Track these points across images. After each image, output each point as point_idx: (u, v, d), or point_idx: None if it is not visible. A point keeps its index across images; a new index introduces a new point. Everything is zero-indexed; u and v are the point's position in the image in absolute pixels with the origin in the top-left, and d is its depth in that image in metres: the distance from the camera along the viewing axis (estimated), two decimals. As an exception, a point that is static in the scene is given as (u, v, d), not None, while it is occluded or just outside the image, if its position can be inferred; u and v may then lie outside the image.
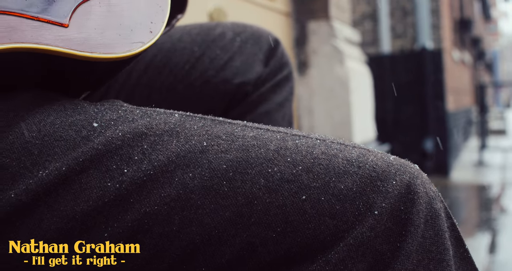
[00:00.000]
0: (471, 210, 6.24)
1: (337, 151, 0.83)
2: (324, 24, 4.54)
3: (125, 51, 0.92)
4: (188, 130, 0.84)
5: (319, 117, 4.45)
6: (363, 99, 4.77)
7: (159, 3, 1.00)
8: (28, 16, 0.85)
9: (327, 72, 4.46)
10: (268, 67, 1.52)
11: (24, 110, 0.85)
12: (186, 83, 1.47)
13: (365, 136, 4.69)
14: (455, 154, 9.64)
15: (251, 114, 1.49)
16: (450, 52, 10.32)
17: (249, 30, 1.55)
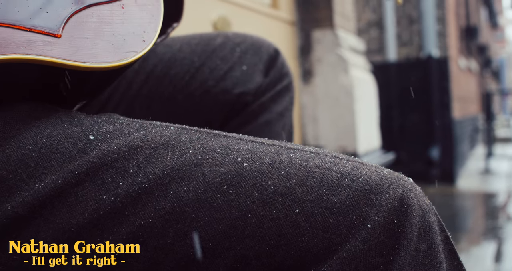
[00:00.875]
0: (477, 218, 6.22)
1: (331, 164, 0.83)
2: (329, 33, 4.55)
3: (117, 61, 0.92)
4: (183, 144, 0.84)
5: (323, 125, 4.46)
6: (367, 108, 4.77)
7: (152, 12, 1.01)
8: (21, 27, 0.85)
9: (332, 81, 4.46)
10: (268, 77, 1.53)
11: (20, 123, 0.85)
12: (186, 93, 1.47)
13: (369, 144, 4.69)
14: (461, 161, 9.62)
15: (251, 124, 1.50)
16: (456, 60, 10.31)
17: (249, 40, 1.55)
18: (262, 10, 4.15)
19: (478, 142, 14.22)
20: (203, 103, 1.47)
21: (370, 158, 4.50)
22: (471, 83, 13.38)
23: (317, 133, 4.46)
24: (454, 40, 10.28)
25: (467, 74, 12.31)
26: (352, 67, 4.53)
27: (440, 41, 9.19)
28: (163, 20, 1.33)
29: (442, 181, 8.28)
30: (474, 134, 12.87)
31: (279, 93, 1.54)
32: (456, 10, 10.84)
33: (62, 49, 0.88)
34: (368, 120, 4.77)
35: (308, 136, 4.46)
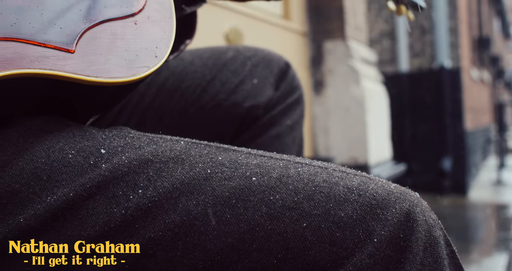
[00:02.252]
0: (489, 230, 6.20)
1: (338, 179, 0.84)
2: (340, 44, 4.56)
3: (130, 76, 0.94)
4: (193, 158, 0.86)
5: (335, 136, 4.46)
6: (379, 119, 4.77)
7: (164, 28, 1.03)
8: (35, 42, 0.87)
9: (343, 92, 4.47)
10: (279, 90, 1.54)
11: (33, 137, 0.87)
12: (197, 106, 1.48)
13: (381, 155, 4.69)
14: (473, 173, 9.60)
15: (261, 138, 1.51)
16: (468, 71, 10.29)
17: (260, 54, 1.56)
18: (274, 21, 4.17)
19: (490, 152, 14.17)
20: (214, 116, 1.48)
21: (381, 169, 4.50)
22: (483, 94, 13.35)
23: (328, 144, 4.46)
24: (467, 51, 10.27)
25: (479, 85, 12.29)
26: (364, 78, 4.54)
27: (452, 52, 9.18)
28: (176, 37, 1.35)
29: (454, 192, 8.26)
30: (486, 145, 12.83)
31: (290, 107, 1.55)
32: (468, 20, 10.82)
33: (76, 64, 0.89)
34: (380, 132, 4.77)
35: (320, 147, 4.47)
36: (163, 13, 1.04)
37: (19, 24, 0.86)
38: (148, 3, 1.02)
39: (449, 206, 7.59)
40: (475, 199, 8.23)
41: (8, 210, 0.82)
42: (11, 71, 0.83)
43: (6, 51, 0.83)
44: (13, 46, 0.84)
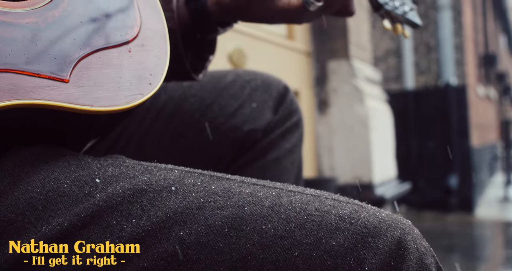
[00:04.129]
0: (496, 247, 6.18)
1: (330, 207, 0.85)
2: (344, 63, 4.57)
3: (124, 103, 0.94)
4: (186, 187, 0.86)
5: (339, 156, 4.46)
6: (383, 138, 4.77)
7: (158, 55, 1.04)
8: (30, 73, 0.87)
9: (347, 111, 4.48)
10: (278, 114, 1.54)
11: (29, 166, 0.87)
12: (196, 130, 1.49)
13: (385, 174, 4.68)
14: (480, 190, 9.58)
15: (260, 161, 1.51)
16: (474, 88, 10.29)
17: (259, 77, 1.57)
18: (278, 41, 4.18)
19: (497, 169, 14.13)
20: (213, 141, 1.49)
21: (385, 188, 4.50)
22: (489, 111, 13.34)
23: (332, 163, 4.46)
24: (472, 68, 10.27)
25: (485, 102, 12.28)
26: (368, 97, 4.55)
27: (458, 69, 9.19)
28: (199, 55, 1.38)
29: (461, 210, 8.24)
30: (493, 162, 12.80)
31: (289, 130, 1.55)
32: (474, 37, 10.83)
33: (70, 94, 0.90)
34: (384, 151, 4.77)
35: (324, 166, 4.47)
36: (157, 40, 1.05)
37: (14, 55, 0.87)
38: (142, 31, 1.04)
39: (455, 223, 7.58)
40: (482, 216, 8.21)
41: (3, 240, 0.82)
42: (6, 102, 0.83)
43: (1, 82, 0.84)
44: (8, 77, 0.85)
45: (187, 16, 1.33)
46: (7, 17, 0.90)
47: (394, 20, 1.51)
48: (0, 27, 0.89)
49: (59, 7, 0.96)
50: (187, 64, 1.36)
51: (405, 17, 1.52)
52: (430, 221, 7.66)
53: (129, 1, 1.06)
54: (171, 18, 1.30)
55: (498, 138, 15.23)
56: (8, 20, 0.90)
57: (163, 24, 1.08)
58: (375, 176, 4.38)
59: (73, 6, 0.98)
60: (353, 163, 4.41)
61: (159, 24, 1.08)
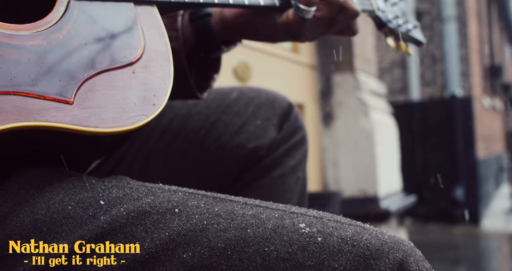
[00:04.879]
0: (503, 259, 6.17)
1: (332, 229, 0.85)
2: (349, 76, 4.57)
3: (129, 125, 0.95)
4: (190, 209, 0.86)
5: (344, 169, 4.46)
6: (388, 151, 4.77)
7: (162, 76, 1.04)
8: (34, 95, 0.88)
9: (352, 124, 4.48)
10: (282, 131, 1.54)
11: (34, 188, 0.88)
12: (201, 148, 1.50)
13: (390, 187, 4.68)
14: (486, 201, 9.56)
15: (264, 178, 1.51)
16: (480, 99, 10.29)
17: (264, 94, 1.57)
18: (283, 55, 4.18)
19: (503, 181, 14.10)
20: (217, 158, 1.49)
21: (391, 200, 4.49)
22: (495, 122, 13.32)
23: (337, 176, 4.46)
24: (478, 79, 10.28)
25: (491, 113, 12.28)
26: (373, 110, 4.55)
27: (463, 80, 9.20)
28: (204, 74, 1.39)
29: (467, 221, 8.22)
30: (499, 174, 12.78)
31: (293, 147, 1.55)
32: (479, 49, 10.84)
33: (74, 116, 0.91)
34: (389, 163, 4.77)
35: (329, 179, 4.47)
36: (161, 61, 1.06)
37: (19, 78, 0.88)
38: (145, 52, 1.04)
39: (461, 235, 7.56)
40: (488, 228, 8.19)
41: (9, 261, 0.83)
42: (11, 124, 0.84)
43: (6, 104, 0.85)
44: (13, 99, 0.86)
45: (191, 35, 1.34)
46: (12, 40, 0.91)
47: (397, 38, 1.51)
48: (6, 49, 0.90)
49: (63, 30, 0.97)
50: (192, 83, 1.36)
51: (409, 34, 1.52)
52: (436, 233, 7.64)
53: (132, 22, 1.06)
54: (176, 37, 1.31)
55: (504, 149, 15.21)
56: (13, 42, 0.91)
57: (166, 45, 1.09)
58: (380, 189, 4.38)
59: (77, 28, 0.99)
60: (358, 176, 4.41)
61: (162, 46, 1.08)
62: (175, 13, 1.34)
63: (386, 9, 1.49)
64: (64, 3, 1.01)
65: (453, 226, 8.00)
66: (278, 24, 1.29)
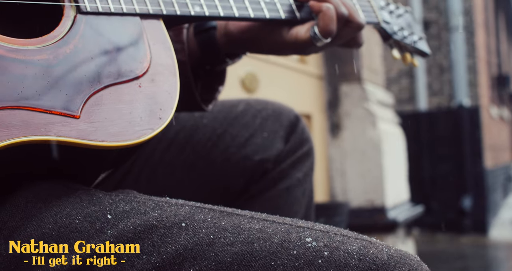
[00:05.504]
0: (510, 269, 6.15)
1: (339, 243, 0.85)
2: (357, 87, 4.57)
3: (135, 138, 0.96)
4: (196, 223, 0.86)
5: (351, 179, 4.46)
6: (395, 161, 4.77)
7: (168, 90, 1.05)
8: (41, 109, 0.89)
9: (360, 135, 4.48)
10: (289, 143, 1.54)
11: (41, 202, 0.88)
12: (207, 160, 1.50)
13: (398, 197, 4.68)
14: (494, 211, 9.53)
15: (271, 191, 1.51)
16: (487, 109, 10.28)
17: (270, 107, 1.58)
18: (291, 65, 4.18)
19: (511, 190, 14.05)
20: (224, 170, 1.49)
21: (398, 211, 4.49)
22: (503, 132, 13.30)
23: (345, 186, 4.46)
24: (486, 89, 10.27)
25: (499, 123, 12.26)
26: (380, 120, 4.55)
27: (471, 90, 9.19)
28: (209, 86, 1.40)
29: (475, 231, 8.20)
30: (507, 183, 12.74)
31: (300, 160, 1.55)
32: (487, 59, 10.83)
33: (81, 130, 0.91)
34: (396, 174, 4.77)
35: (336, 190, 4.46)
36: (167, 75, 1.06)
37: (26, 92, 0.89)
38: (152, 66, 1.05)
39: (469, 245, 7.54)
40: (496, 238, 8.17)
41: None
42: (19, 139, 0.85)
43: (13, 119, 0.85)
44: (20, 114, 0.87)
45: (196, 47, 1.35)
46: (20, 55, 0.92)
47: (403, 50, 1.52)
48: (13, 64, 0.90)
49: (70, 44, 0.98)
50: (197, 96, 1.37)
51: (414, 46, 1.53)
52: (443, 243, 7.63)
53: (139, 36, 1.07)
54: (181, 50, 1.32)
55: (512, 159, 15.17)
56: (20, 57, 0.92)
57: (173, 59, 1.09)
58: (388, 199, 4.38)
59: (84, 42, 0.99)
60: (365, 186, 4.41)
61: (169, 59, 1.09)
62: (180, 26, 1.35)
63: (392, 21, 1.50)
64: (71, 17, 1.02)
65: (461, 236, 7.98)
66: (285, 41, 1.31)
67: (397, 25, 1.51)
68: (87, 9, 1.03)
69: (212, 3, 1.22)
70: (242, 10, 1.25)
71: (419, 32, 1.58)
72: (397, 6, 1.55)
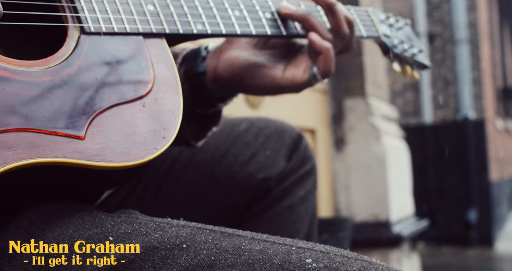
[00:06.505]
0: (516, 283, 6.14)
1: (339, 264, 0.85)
2: (361, 101, 4.58)
3: (139, 159, 0.97)
4: (197, 244, 0.87)
5: (356, 193, 4.46)
6: (400, 176, 4.77)
7: (172, 109, 1.06)
8: (47, 131, 0.90)
9: (364, 149, 4.48)
10: (291, 161, 1.55)
11: (44, 223, 0.89)
12: (210, 179, 1.50)
13: (403, 212, 4.67)
14: (499, 224, 9.51)
15: (274, 208, 1.52)
16: (493, 121, 10.27)
17: (273, 125, 1.58)
18: (294, 80, 4.18)
19: (517, 203, 14.02)
20: (227, 189, 1.50)
21: (403, 225, 4.49)
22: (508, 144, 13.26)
23: (349, 201, 4.46)
24: (491, 101, 10.26)
25: (504, 135, 12.24)
26: (384, 135, 4.56)
27: (476, 103, 9.19)
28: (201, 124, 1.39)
29: (480, 244, 8.18)
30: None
31: (302, 178, 1.56)
32: (492, 71, 10.83)
33: (86, 151, 0.92)
34: (401, 188, 4.77)
35: (341, 204, 4.46)
36: (170, 93, 1.08)
37: (32, 114, 0.90)
38: (155, 85, 1.06)
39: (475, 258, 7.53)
40: (502, 251, 8.16)
41: None
42: (25, 161, 0.86)
43: (19, 141, 0.87)
44: (26, 136, 0.88)
45: (187, 94, 1.34)
46: (24, 76, 0.93)
47: (403, 62, 1.53)
48: (18, 86, 0.91)
49: (74, 65, 0.99)
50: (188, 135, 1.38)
51: (414, 59, 1.54)
52: (449, 256, 7.62)
53: (142, 56, 1.08)
54: None
55: (517, 171, 15.12)
56: (25, 79, 0.93)
57: (175, 77, 1.11)
58: (392, 214, 4.38)
59: (88, 63, 1.01)
60: (370, 201, 4.40)
61: (172, 78, 1.10)
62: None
63: (392, 34, 1.51)
64: (75, 38, 1.03)
65: (467, 249, 7.97)
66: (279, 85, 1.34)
67: (397, 38, 1.52)
68: (91, 29, 1.05)
69: (214, 20, 1.24)
70: (244, 27, 1.27)
71: (419, 45, 1.59)
72: (397, 19, 1.56)
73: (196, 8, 1.22)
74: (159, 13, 1.16)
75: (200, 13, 1.22)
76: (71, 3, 1.06)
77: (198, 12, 1.22)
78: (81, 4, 1.06)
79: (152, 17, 1.14)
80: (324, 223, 2.08)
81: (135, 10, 1.13)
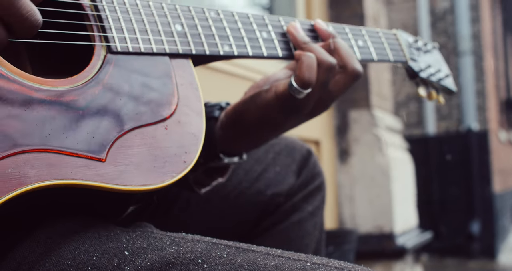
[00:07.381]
0: (519, 295, 6.13)
1: None
2: (365, 113, 4.59)
3: (158, 183, 0.98)
4: (213, 259, 0.88)
5: (360, 205, 4.46)
6: (404, 187, 4.77)
7: (194, 132, 1.07)
8: (68, 152, 0.91)
9: (368, 161, 4.49)
10: (300, 177, 1.57)
11: (61, 238, 0.91)
12: (221, 195, 1.53)
13: (406, 224, 4.68)
14: (502, 236, 9.48)
15: (283, 223, 1.53)
16: (496, 133, 10.25)
17: (283, 141, 1.60)
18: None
19: (520, 215, 13.97)
20: (237, 205, 1.52)
21: (407, 237, 4.49)
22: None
23: (353, 212, 4.46)
24: (494, 113, 10.25)
25: (507, 147, 12.21)
26: (389, 146, 4.57)
27: (479, 114, 9.16)
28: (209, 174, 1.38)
29: (483, 256, 8.16)
30: (515, 208, 12.68)
31: (311, 193, 1.57)
32: (495, 83, 10.82)
33: (106, 174, 0.94)
34: (405, 200, 4.77)
35: (345, 216, 4.47)
36: (193, 116, 1.08)
37: (53, 135, 0.91)
38: (179, 107, 1.07)
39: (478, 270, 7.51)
40: (505, 262, 8.13)
41: None
42: (45, 182, 0.88)
43: (40, 162, 0.88)
44: (47, 157, 0.89)
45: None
46: (48, 96, 0.94)
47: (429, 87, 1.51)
48: (42, 105, 0.92)
49: (99, 85, 1.00)
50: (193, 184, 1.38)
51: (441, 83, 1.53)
52: (452, 268, 7.61)
53: (167, 76, 1.09)
54: None
55: (521, 183, 15.08)
56: (49, 98, 0.94)
57: (200, 100, 1.11)
58: (396, 225, 4.38)
59: (113, 83, 1.02)
60: (374, 213, 4.41)
61: (196, 101, 1.11)
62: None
63: (419, 58, 1.50)
64: (101, 57, 1.04)
65: (469, 261, 7.95)
66: (269, 103, 1.26)
67: (424, 62, 1.51)
68: (117, 49, 1.06)
69: (241, 43, 1.24)
70: (271, 49, 1.27)
71: (446, 69, 1.58)
72: (425, 43, 1.56)
73: (224, 29, 1.23)
74: (186, 34, 1.17)
75: (227, 35, 1.23)
76: (100, 22, 1.07)
77: (226, 34, 1.23)
78: (109, 23, 1.07)
79: (180, 38, 1.15)
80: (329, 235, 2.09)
81: (162, 30, 1.14)
